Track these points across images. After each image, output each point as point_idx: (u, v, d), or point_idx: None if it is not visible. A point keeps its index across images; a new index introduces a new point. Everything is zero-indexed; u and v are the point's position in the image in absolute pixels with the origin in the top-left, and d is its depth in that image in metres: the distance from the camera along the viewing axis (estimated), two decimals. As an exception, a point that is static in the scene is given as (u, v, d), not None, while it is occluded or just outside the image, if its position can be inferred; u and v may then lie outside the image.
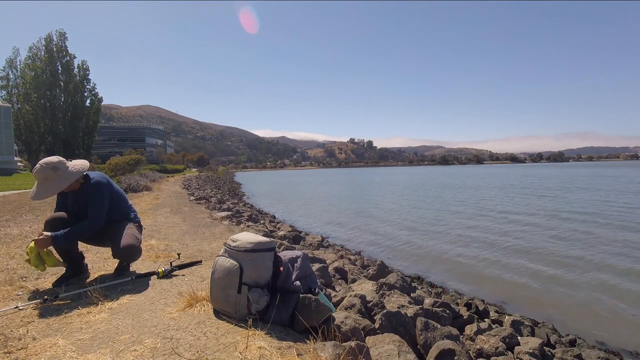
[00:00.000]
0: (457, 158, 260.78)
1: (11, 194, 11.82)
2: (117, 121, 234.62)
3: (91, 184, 2.81)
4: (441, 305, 3.50)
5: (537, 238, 8.99)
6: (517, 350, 3.00)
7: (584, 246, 8.03)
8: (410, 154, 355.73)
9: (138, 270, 3.24)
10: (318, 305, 2.17)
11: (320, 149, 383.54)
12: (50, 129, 39.56)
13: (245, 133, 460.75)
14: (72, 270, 2.91)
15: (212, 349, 1.80)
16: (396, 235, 10.04)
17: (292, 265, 2.43)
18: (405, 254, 8.02)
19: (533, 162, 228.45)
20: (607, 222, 10.82)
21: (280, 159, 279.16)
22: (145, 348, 1.81)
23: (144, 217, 6.80)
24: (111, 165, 20.63)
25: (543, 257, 7.31)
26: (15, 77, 40.31)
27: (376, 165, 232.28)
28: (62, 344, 1.86)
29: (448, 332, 2.72)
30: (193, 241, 4.82)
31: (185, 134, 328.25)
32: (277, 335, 1.99)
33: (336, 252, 6.85)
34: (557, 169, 69.82)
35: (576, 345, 3.74)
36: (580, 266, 6.63)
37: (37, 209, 7.82)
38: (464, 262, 7.22)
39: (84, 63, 41.86)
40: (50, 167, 2.65)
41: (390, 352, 2.16)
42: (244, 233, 2.35)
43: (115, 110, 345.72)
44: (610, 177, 36.37)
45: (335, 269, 4.66)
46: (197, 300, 2.39)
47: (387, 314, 2.67)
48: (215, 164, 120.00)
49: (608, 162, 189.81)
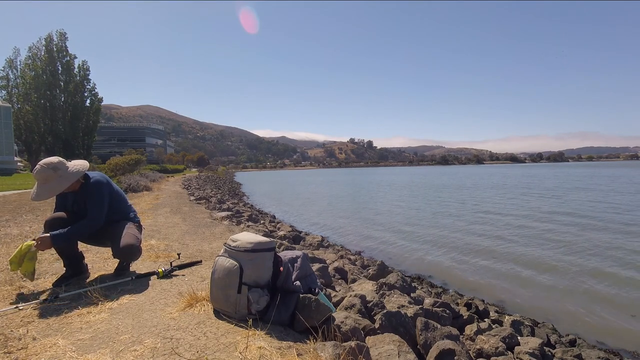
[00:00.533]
0: (457, 158, 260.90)
1: (11, 194, 11.82)
2: (117, 121, 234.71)
3: (91, 184, 2.81)
4: (441, 305, 3.50)
5: (537, 238, 8.99)
6: (517, 350, 3.00)
7: (584, 246, 8.03)
8: (410, 154, 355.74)
9: (138, 270, 3.24)
10: (318, 305, 2.17)
11: (320, 149, 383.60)
12: (50, 129, 39.57)
13: (245, 133, 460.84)
14: (72, 270, 2.91)
15: (212, 349, 1.80)
16: (396, 235, 10.04)
17: (292, 265, 2.43)
18: (405, 254, 8.02)
19: (533, 162, 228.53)
20: (607, 223, 10.82)
21: (280, 159, 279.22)
22: (145, 348, 1.81)
23: (144, 217, 6.81)
24: (111, 165, 20.63)
25: (543, 257, 7.31)
26: (15, 77, 40.34)
27: (376, 165, 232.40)
28: (62, 344, 1.86)
29: (448, 332, 2.72)
30: (193, 241, 4.82)
31: (185, 134, 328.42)
32: (277, 335, 1.99)
33: (336, 252, 6.84)
34: (556, 169, 69.80)
35: (576, 345, 3.74)
36: (580, 266, 6.63)
37: (37, 209, 7.82)
38: (464, 262, 7.22)
39: (85, 63, 41.94)
40: (51, 167, 2.64)
41: (390, 352, 2.16)
42: (244, 233, 2.35)
43: (115, 110, 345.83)
44: (607, 177, 36.37)
45: (335, 269, 4.66)
46: (197, 300, 2.39)
47: (387, 314, 2.67)
48: (215, 164, 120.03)
49: (608, 162, 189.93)
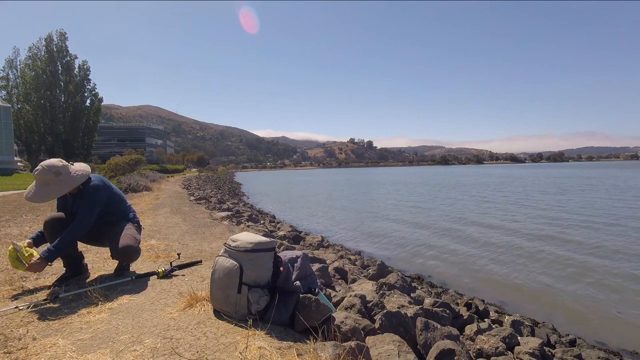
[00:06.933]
0: (457, 158, 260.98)
1: (11, 194, 11.82)
2: (117, 121, 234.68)
3: (88, 187, 2.78)
4: (441, 305, 3.49)
5: (537, 238, 8.98)
6: (517, 350, 3.00)
7: (584, 246, 8.03)
8: (410, 154, 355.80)
9: (138, 270, 3.24)
10: (318, 305, 2.17)
11: (320, 149, 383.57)
12: (50, 129, 39.61)
13: (245, 133, 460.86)
14: (72, 270, 2.90)
15: (212, 349, 1.80)
16: (396, 235, 10.03)
17: (292, 265, 2.43)
18: (405, 254, 8.02)
19: (533, 162, 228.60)
20: (607, 222, 10.82)
21: (280, 159, 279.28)
22: (145, 348, 1.81)
23: (144, 217, 6.80)
24: (111, 166, 20.62)
25: (543, 257, 7.31)
26: (15, 77, 40.41)
27: (376, 165, 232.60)
28: (62, 344, 1.86)
29: (448, 332, 2.72)
30: (193, 241, 4.82)
31: (185, 134, 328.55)
32: (277, 335, 1.99)
33: (336, 252, 6.84)
34: (548, 170, 69.64)
35: (576, 345, 3.73)
36: (581, 266, 6.63)
37: (37, 209, 7.81)
38: (464, 262, 7.22)
39: (85, 63, 42.00)
40: (53, 171, 2.58)
41: (390, 352, 2.16)
42: (244, 233, 2.35)
43: (115, 110, 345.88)
44: (585, 177, 36.37)
45: (335, 269, 4.66)
46: (197, 300, 2.39)
47: (387, 314, 2.67)
48: (215, 164, 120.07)
49: (607, 162, 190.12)
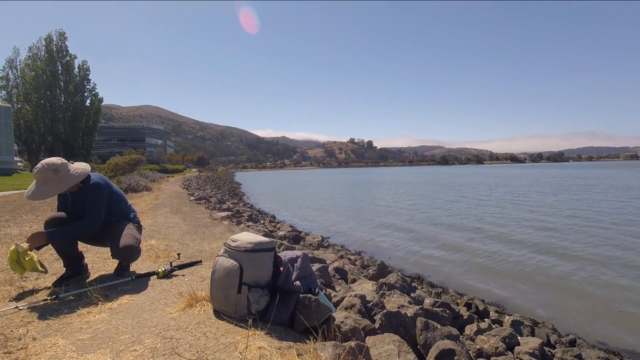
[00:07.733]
0: (457, 158, 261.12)
1: (11, 194, 11.81)
2: (117, 121, 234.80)
3: (89, 185, 2.79)
4: (441, 305, 3.49)
5: (537, 238, 8.98)
6: (517, 350, 3.00)
7: (584, 246, 8.03)
8: (410, 154, 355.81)
9: (138, 270, 3.23)
10: (318, 305, 2.17)
11: (320, 149, 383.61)
12: (50, 129, 39.59)
13: (245, 133, 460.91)
14: (72, 270, 2.90)
15: (212, 349, 1.80)
16: (396, 235, 10.04)
17: (292, 265, 2.43)
18: (405, 254, 8.02)
19: (533, 162, 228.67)
20: (607, 222, 10.82)
21: (280, 159, 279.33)
22: (145, 348, 1.81)
23: (144, 217, 6.80)
24: (111, 166, 20.63)
25: (543, 257, 7.31)
26: (15, 77, 40.40)
27: (376, 165, 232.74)
28: (62, 344, 1.86)
29: (448, 332, 2.72)
30: (193, 241, 4.82)
31: (185, 134, 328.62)
32: (277, 335, 1.99)
33: (336, 252, 6.84)
34: (546, 170, 69.65)
35: (576, 345, 3.73)
36: (581, 266, 6.63)
37: (37, 209, 7.81)
38: (464, 262, 7.22)
39: (85, 63, 41.96)
40: (52, 168, 2.61)
41: (390, 352, 2.16)
42: (244, 233, 2.35)
43: (115, 110, 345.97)
44: (579, 177, 36.39)
45: (335, 269, 4.66)
46: (197, 300, 2.39)
47: (387, 314, 2.67)
48: (215, 164, 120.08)
49: (606, 162, 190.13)
